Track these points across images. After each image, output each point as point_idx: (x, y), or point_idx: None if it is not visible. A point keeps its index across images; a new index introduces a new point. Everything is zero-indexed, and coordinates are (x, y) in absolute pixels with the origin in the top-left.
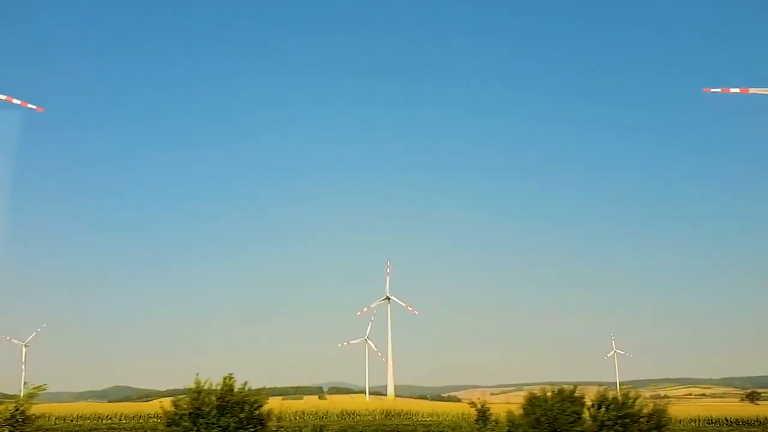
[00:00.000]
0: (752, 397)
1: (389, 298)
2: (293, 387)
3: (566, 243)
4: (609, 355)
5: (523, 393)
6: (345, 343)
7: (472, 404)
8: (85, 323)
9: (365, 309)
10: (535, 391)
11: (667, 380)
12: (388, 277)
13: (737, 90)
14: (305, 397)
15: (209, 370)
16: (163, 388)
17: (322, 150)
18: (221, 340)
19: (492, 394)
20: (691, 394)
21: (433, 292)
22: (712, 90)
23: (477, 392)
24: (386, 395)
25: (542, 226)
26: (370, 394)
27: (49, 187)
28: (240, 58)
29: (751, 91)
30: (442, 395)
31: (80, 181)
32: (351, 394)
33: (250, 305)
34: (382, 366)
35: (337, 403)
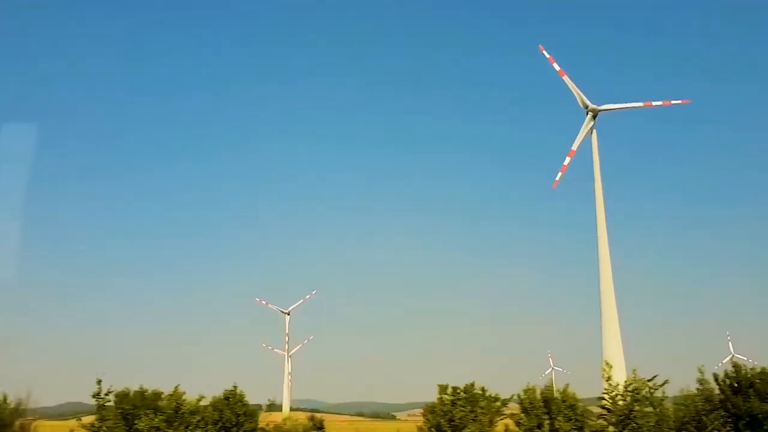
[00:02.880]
0: None
1: (288, 314)
2: None
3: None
4: (547, 372)
5: None
6: (270, 347)
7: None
8: (36, 338)
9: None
10: None
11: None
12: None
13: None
14: None
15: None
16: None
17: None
18: (159, 356)
19: None
20: None
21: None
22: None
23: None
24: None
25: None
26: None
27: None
28: (241, 59)
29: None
30: (397, 412)
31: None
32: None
33: (185, 321)
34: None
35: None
